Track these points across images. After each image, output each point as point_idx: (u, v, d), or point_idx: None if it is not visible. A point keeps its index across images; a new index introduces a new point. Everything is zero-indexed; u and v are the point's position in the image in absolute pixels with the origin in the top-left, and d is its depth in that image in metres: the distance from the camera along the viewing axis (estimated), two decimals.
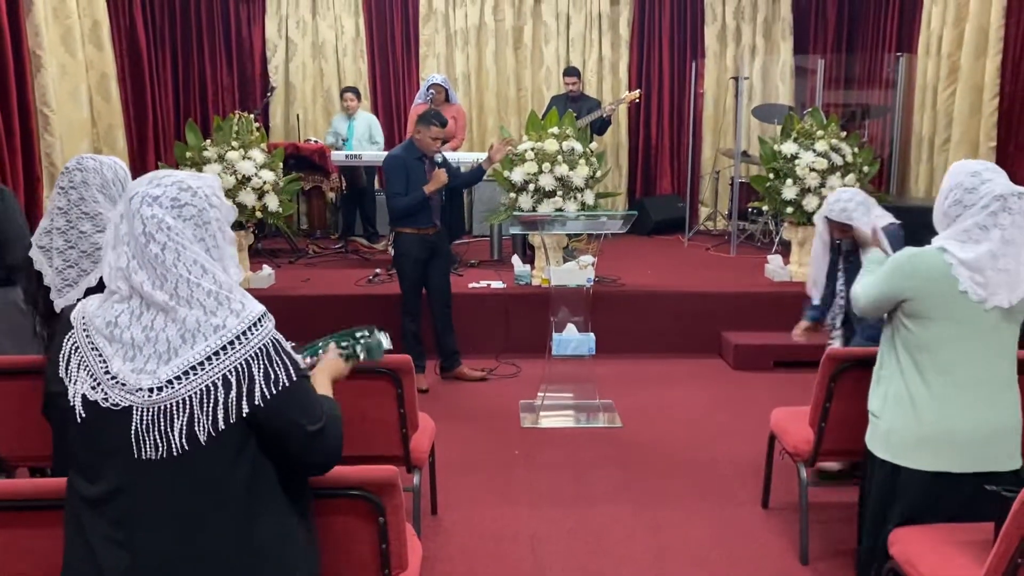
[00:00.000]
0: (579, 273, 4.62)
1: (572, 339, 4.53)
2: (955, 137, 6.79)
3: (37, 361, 2.62)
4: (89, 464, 1.58)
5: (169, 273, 1.52)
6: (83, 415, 1.54)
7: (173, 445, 1.52)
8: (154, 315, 1.52)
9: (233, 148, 5.63)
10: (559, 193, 5.61)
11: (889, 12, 8.21)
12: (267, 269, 6.17)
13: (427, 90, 6.97)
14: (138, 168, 7.62)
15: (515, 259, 6.28)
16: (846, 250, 3.59)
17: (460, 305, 5.24)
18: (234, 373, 1.53)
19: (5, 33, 5.55)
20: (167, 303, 1.51)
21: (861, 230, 3.24)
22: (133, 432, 1.52)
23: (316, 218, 8.39)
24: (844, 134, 6.04)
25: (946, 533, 2.35)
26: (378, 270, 6.31)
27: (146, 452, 1.53)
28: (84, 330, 1.57)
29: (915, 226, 2.87)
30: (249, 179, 5.59)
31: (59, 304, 2.41)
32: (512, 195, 5.69)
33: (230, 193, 5.50)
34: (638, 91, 7.51)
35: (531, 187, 5.59)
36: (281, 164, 5.93)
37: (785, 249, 6.68)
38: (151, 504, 1.55)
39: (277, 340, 1.59)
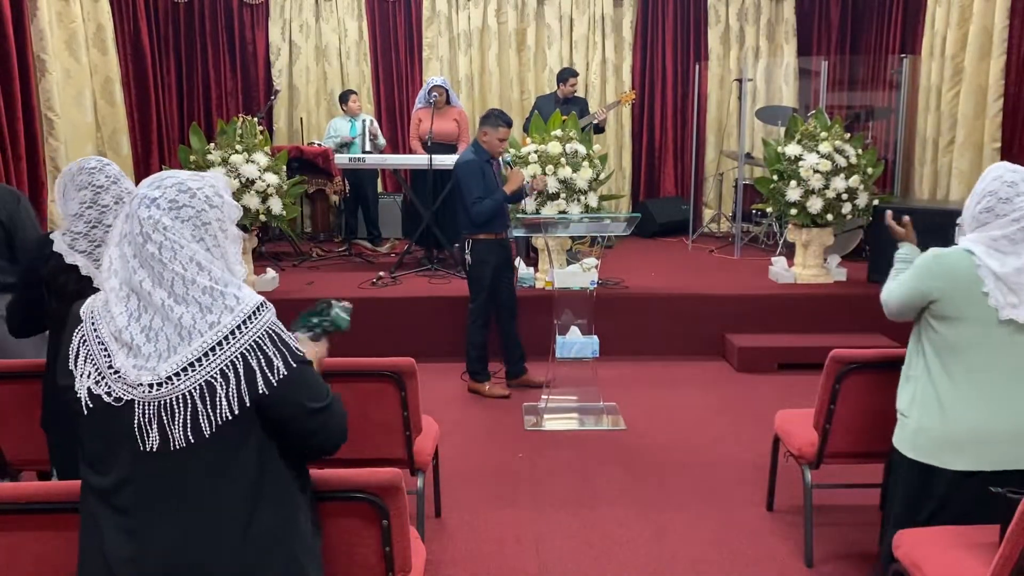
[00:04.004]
0: (583, 276, 4.61)
1: (576, 342, 4.53)
2: (959, 139, 6.78)
3: (39, 364, 2.62)
4: (98, 456, 1.62)
5: (166, 271, 1.55)
6: (89, 407, 1.57)
7: (175, 438, 1.55)
8: (152, 316, 1.55)
9: (237, 152, 5.64)
10: (563, 195, 5.62)
11: (892, 14, 8.20)
12: (271, 272, 6.18)
13: (428, 92, 6.93)
14: (143, 172, 7.65)
15: (519, 262, 6.28)
16: None
17: (465, 308, 5.24)
18: (231, 366, 1.56)
19: (10, 38, 5.57)
20: (164, 301, 1.54)
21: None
22: (136, 425, 1.55)
23: (320, 221, 8.40)
24: (848, 136, 6.03)
25: (952, 535, 2.34)
26: (381, 273, 6.31)
27: (149, 444, 1.56)
28: (92, 324, 1.60)
29: (920, 229, 2.84)
30: (253, 182, 5.60)
31: None
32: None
33: (234, 196, 5.49)
34: (632, 92, 7.52)
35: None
36: (285, 167, 5.94)
37: (789, 251, 6.67)
38: (158, 493, 1.58)
39: (274, 329, 1.62)
